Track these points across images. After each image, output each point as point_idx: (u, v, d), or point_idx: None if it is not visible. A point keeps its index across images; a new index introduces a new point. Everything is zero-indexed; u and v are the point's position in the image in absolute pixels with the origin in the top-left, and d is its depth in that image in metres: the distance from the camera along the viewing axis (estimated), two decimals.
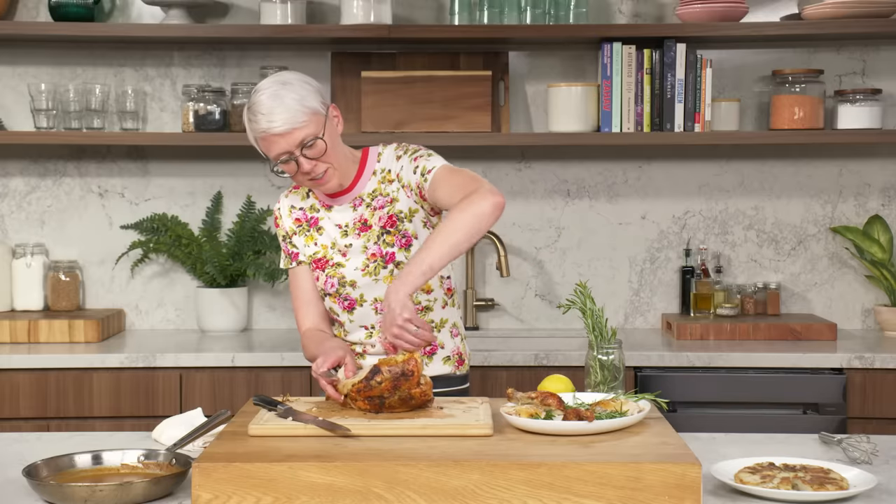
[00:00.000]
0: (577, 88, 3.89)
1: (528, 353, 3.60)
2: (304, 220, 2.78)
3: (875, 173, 4.12)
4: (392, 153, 2.75)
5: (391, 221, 2.70)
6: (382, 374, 2.31)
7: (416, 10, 4.10)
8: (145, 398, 3.58)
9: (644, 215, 4.15)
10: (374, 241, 2.70)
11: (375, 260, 2.70)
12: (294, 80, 2.61)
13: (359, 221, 2.72)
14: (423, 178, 2.65)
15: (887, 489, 2.12)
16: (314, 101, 2.60)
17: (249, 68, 4.10)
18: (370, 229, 2.71)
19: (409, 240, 2.70)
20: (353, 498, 1.97)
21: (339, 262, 2.73)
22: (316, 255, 2.76)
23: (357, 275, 2.71)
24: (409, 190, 2.69)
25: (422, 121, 3.91)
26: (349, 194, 2.73)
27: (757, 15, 4.04)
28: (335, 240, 2.74)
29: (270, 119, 2.55)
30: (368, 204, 2.72)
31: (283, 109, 2.55)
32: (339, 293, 2.74)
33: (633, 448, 2.10)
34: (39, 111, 3.96)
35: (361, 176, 2.73)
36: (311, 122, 2.58)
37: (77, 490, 2.03)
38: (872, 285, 4.12)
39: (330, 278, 2.74)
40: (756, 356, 3.57)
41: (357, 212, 2.73)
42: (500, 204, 2.47)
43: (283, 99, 2.56)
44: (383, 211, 2.71)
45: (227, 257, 3.98)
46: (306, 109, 2.57)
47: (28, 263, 4.03)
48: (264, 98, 2.57)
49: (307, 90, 2.60)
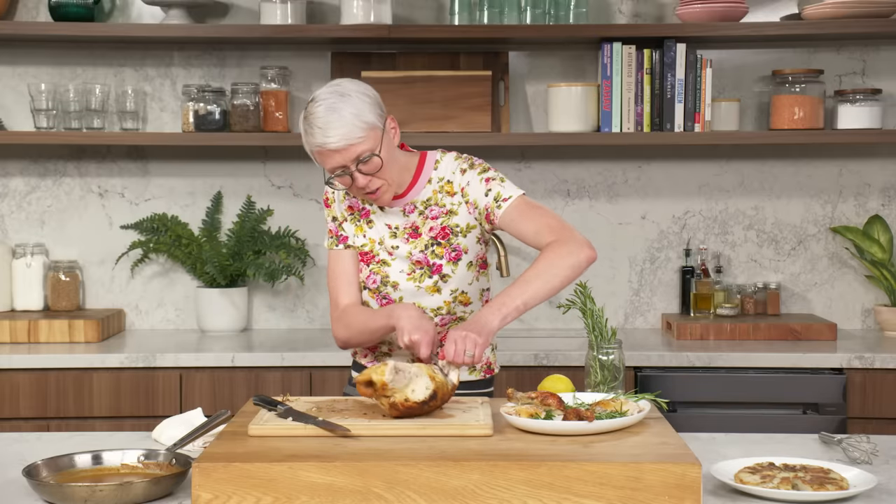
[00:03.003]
0: (577, 88, 3.89)
1: (528, 353, 3.60)
2: (356, 209, 2.73)
3: (875, 173, 4.12)
4: (454, 164, 2.70)
5: (444, 233, 2.67)
6: (437, 400, 2.27)
7: (416, 10, 4.10)
8: (145, 398, 3.58)
9: (644, 215, 4.15)
10: (420, 249, 2.67)
11: (421, 267, 2.67)
12: (352, 92, 2.54)
13: (409, 227, 2.68)
14: (497, 204, 2.61)
15: (887, 489, 2.12)
16: (372, 115, 2.53)
17: (249, 68, 4.10)
18: (419, 237, 2.68)
19: (460, 254, 2.68)
20: (353, 498, 1.97)
21: (385, 259, 2.69)
22: (363, 247, 2.72)
23: (402, 277, 2.69)
24: (474, 208, 2.65)
25: (422, 121, 3.92)
26: (402, 200, 2.68)
27: (757, 15, 4.04)
28: (383, 237, 2.70)
29: (327, 133, 2.49)
30: (421, 212, 2.68)
31: (341, 124, 2.49)
32: (379, 291, 2.71)
33: (633, 448, 2.10)
34: (39, 111, 3.96)
35: (416, 183, 2.68)
36: (368, 138, 2.52)
37: (77, 490, 2.03)
38: (872, 285, 4.12)
39: (374, 274, 2.71)
40: (756, 356, 3.57)
41: (408, 218, 2.69)
42: (594, 259, 2.50)
43: (340, 112, 2.49)
44: (437, 222, 2.67)
45: (227, 257, 3.98)
46: (364, 125, 2.51)
47: (28, 263, 4.03)
48: (321, 110, 2.50)
49: (365, 103, 2.53)
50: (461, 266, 2.68)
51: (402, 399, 2.25)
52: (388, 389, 2.25)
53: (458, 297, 2.71)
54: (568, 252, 2.48)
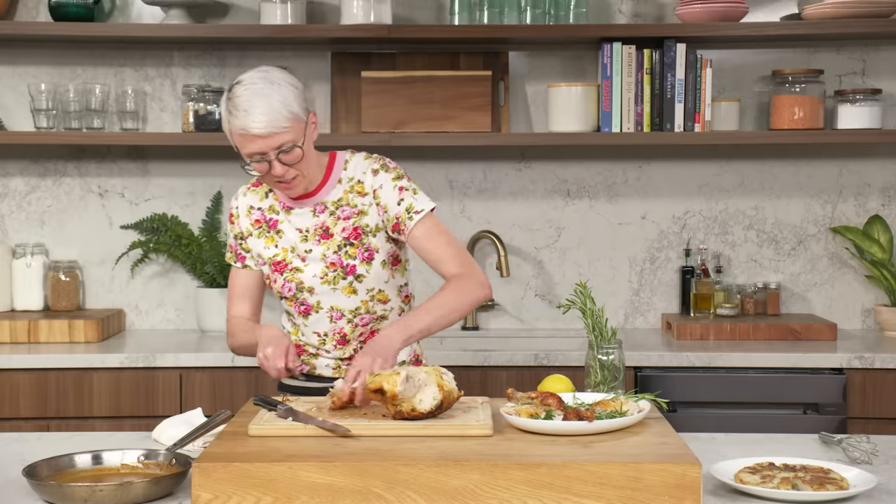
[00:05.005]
0: (577, 88, 3.89)
1: (528, 353, 3.60)
2: (263, 222, 2.74)
3: (875, 173, 4.12)
4: (365, 164, 2.71)
5: (356, 233, 2.67)
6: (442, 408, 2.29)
7: (416, 10, 4.10)
8: (145, 398, 3.58)
9: (644, 215, 4.15)
10: (334, 250, 2.67)
11: (335, 269, 2.67)
12: (282, 81, 2.55)
13: (320, 228, 2.68)
14: (409, 215, 2.65)
15: (887, 489, 2.12)
16: (298, 107, 2.54)
17: (249, 68, 4.06)
18: (331, 238, 2.68)
19: (372, 254, 2.68)
20: (353, 498, 1.97)
21: (298, 266, 2.69)
22: (276, 257, 2.71)
23: (315, 282, 2.68)
24: (384, 213, 2.67)
25: (422, 121, 3.91)
26: (311, 199, 2.69)
27: (757, 15, 4.04)
28: (294, 244, 2.70)
29: (252, 118, 2.49)
30: (332, 212, 2.68)
31: (268, 110, 2.49)
32: (296, 298, 2.71)
33: (633, 448, 2.10)
34: (39, 111, 3.96)
35: (326, 182, 2.69)
36: (292, 129, 2.53)
37: (77, 490, 2.03)
38: (872, 285, 4.12)
39: (288, 282, 2.70)
40: (756, 356, 3.57)
41: (318, 218, 2.69)
42: (488, 298, 2.68)
43: (268, 98, 2.50)
44: (349, 222, 2.68)
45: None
46: (290, 114, 2.52)
47: (28, 263, 4.03)
48: (248, 94, 2.51)
49: (293, 94, 2.54)
50: (375, 265, 2.68)
51: (408, 409, 2.26)
52: (397, 399, 2.25)
53: (375, 296, 2.71)
54: (473, 289, 2.63)
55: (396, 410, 2.27)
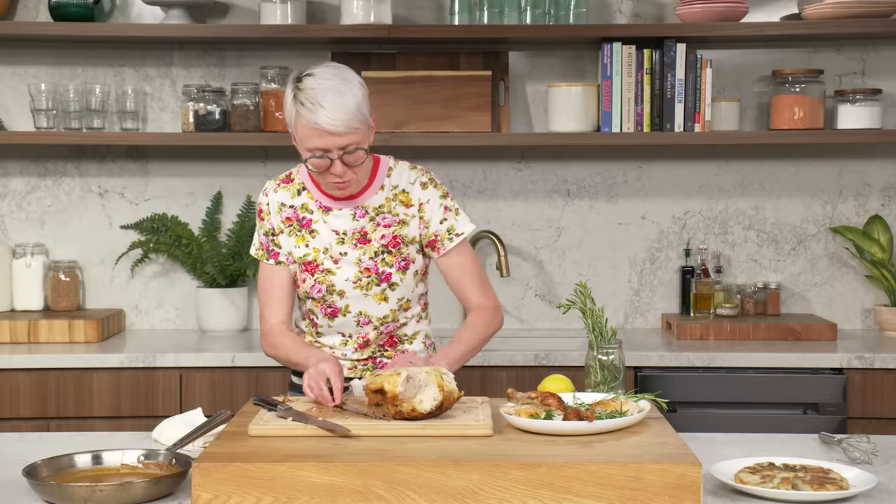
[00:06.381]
0: (577, 88, 3.89)
1: (528, 353, 3.60)
2: (294, 220, 2.70)
3: (875, 173, 4.12)
4: (412, 175, 2.70)
5: (395, 242, 2.67)
6: (442, 409, 2.29)
7: (416, 10, 4.10)
8: (145, 398, 3.58)
9: (644, 215, 4.15)
10: (370, 256, 2.66)
11: (369, 275, 2.66)
12: (354, 80, 2.54)
13: (358, 232, 2.67)
14: (449, 236, 2.68)
15: (887, 489, 2.12)
16: (367, 108, 2.54)
17: (249, 68, 4.10)
18: (369, 243, 2.66)
19: (408, 263, 2.68)
20: (353, 498, 1.97)
21: (330, 268, 2.67)
22: (306, 257, 2.69)
23: (348, 286, 2.67)
24: (426, 228, 2.67)
25: (422, 121, 3.91)
26: (353, 201, 2.67)
27: (757, 15, 4.04)
28: (329, 245, 2.67)
29: (328, 113, 2.46)
30: (372, 218, 2.67)
31: (345, 109, 2.47)
32: (324, 300, 2.69)
33: (633, 448, 2.10)
34: (39, 111, 3.96)
35: (369, 187, 2.67)
36: (360, 130, 2.51)
37: (77, 490, 2.03)
38: (872, 285, 4.12)
39: (318, 284, 2.68)
40: (756, 356, 3.57)
41: (358, 222, 2.67)
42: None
43: (342, 96, 2.48)
44: (389, 230, 2.67)
45: (227, 257, 3.98)
46: (361, 116, 2.51)
47: (28, 263, 4.03)
48: (323, 88, 2.48)
49: (363, 95, 2.54)
50: (409, 275, 2.69)
51: (408, 409, 2.26)
52: (397, 399, 2.26)
53: (402, 305, 2.72)
54: (492, 321, 2.73)
55: (397, 411, 2.27)
